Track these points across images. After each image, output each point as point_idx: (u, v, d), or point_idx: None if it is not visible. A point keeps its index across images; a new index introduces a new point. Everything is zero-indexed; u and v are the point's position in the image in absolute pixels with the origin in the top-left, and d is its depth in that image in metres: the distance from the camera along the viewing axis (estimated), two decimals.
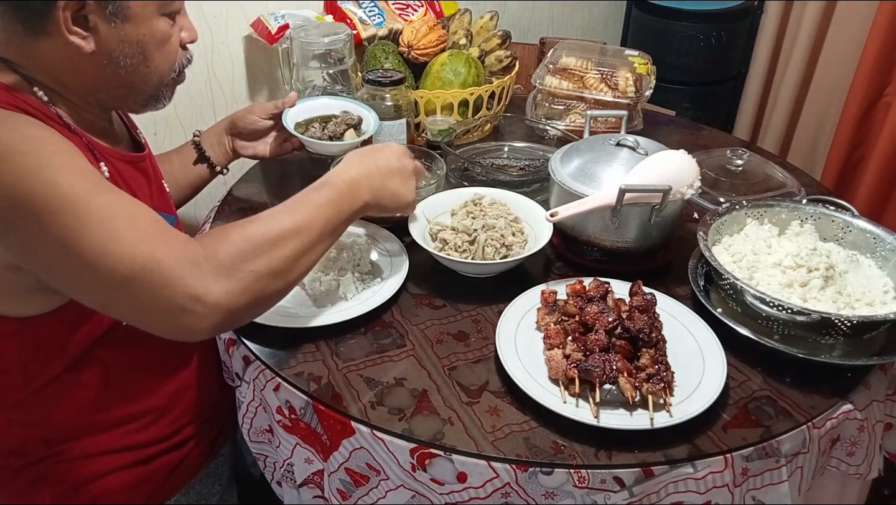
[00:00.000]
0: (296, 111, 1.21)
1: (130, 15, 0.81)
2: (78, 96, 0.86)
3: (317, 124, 1.21)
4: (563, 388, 0.83)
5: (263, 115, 1.20)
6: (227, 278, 0.74)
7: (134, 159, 0.95)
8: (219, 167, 1.23)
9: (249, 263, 0.75)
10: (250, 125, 1.20)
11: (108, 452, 0.94)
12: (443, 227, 1.08)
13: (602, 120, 1.41)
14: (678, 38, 2.23)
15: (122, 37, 0.82)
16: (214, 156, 1.21)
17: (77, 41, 0.79)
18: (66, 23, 0.77)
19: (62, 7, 0.76)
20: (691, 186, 1.02)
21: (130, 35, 0.82)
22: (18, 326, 0.83)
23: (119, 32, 0.81)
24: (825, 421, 0.84)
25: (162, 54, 0.87)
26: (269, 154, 1.23)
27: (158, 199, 1.00)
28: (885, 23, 1.85)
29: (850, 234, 1.04)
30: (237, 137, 1.22)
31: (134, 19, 0.82)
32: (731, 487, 0.79)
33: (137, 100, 0.90)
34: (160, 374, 0.98)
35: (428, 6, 1.62)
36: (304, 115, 1.23)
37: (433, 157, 1.24)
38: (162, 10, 0.85)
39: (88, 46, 0.80)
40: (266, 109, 1.20)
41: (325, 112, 1.24)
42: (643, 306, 0.90)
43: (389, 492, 0.83)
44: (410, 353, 0.93)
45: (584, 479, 0.77)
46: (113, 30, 0.81)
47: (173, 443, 1.00)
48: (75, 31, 0.79)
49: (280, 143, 1.23)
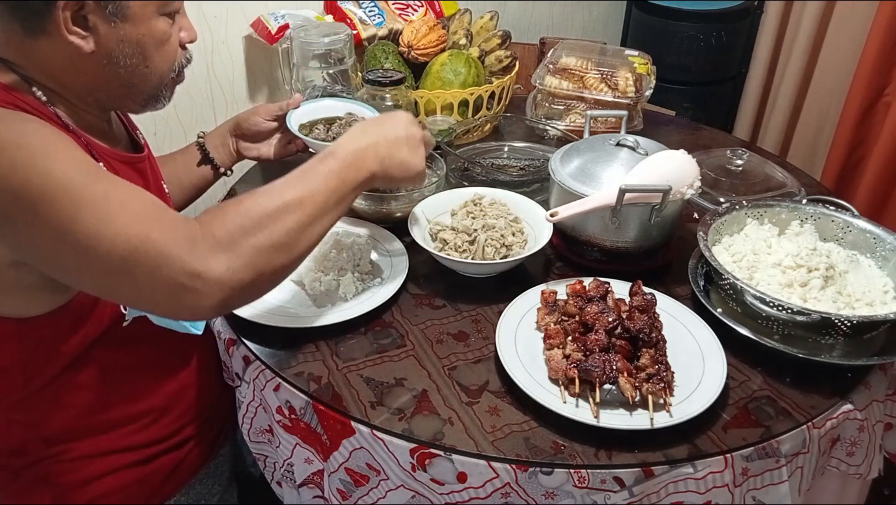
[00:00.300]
0: (300, 113, 1.21)
1: (130, 15, 0.81)
2: (77, 96, 0.85)
3: (321, 126, 1.20)
4: (563, 388, 0.83)
5: (268, 116, 1.20)
6: (227, 253, 0.72)
7: (132, 160, 0.95)
8: (223, 168, 1.22)
9: (249, 236, 0.74)
10: (254, 126, 1.20)
11: (107, 453, 0.94)
12: (443, 228, 1.08)
13: (602, 120, 1.41)
14: (678, 38, 2.23)
15: (122, 37, 0.81)
16: (218, 157, 1.21)
17: (76, 41, 0.79)
18: (65, 23, 0.77)
19: (62, 7, 0.76)
20: (691, 186, 1.02)
21: (130, 35, 0.82)
22: (18, 326, 0.83)
23: (118, 32, 0.81)
24: (825, 421, 0.84)
25: (161, 54, 0.87)
26: (273, 156, 1.23)
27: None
28: (884, 23, 1.85)
29: (850, 234, 1.04)
30: (241, 139, 1.22)
31: (133, 19, 0.81)
32: (731, 487, 0.79)
33: (137, 100, 0.90)
34: (160, 374, 0.98)
35: (428, 6, 1.62)
36: (308, 116, 1.22)
37: (433, 157, 1.24)
38: (161, 9, 0.85)
39: (88, 46, 0.80)
40: (270, 111, 1.20)
41: (330, 114, 1.24)
42: (643, 306, 0.90)
43: (389, 492, 0.83)
44: (410, 353, 0.93)
45: (584, 479, 0.77)
46: (112, 30, 0.80)
47: (173, 443, 1.00)
48: (75, 31, 0.78)
49: (284, 144, 1.23)
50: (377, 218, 1.15)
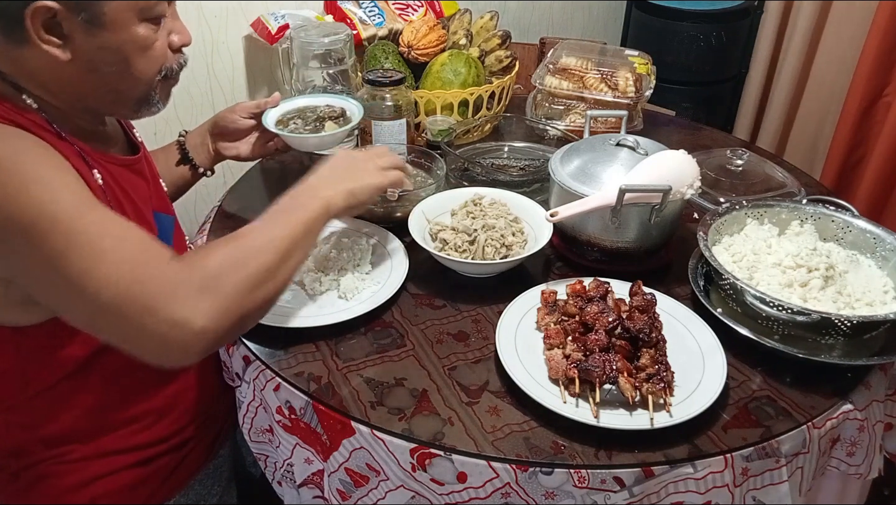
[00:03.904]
0: (277, 111, 1.20)
1: (107, 22, 0.78)
2: (67, 103, 0.84)
3: (298, 120, 1.20)
4: (563, 388, 0.83)
5: (244, 113, 1.18)
6: (211, 296, 0.72)
7: (129, 162, 0.94)
8: (201, 168, 1.20)
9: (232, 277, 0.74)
10: (231, 124, 1.18)
11: (107, 454, 0.94)
12: (443, 227, 1.08)
13: (602, 120, 1.41)
14: (678, 38, 2.23)
15: (101, 44, 0.79)
16: (197, 157, 1.19)
17: (51, 49, 0.77)
18: (37, 32, 0.75)
19: (30, 15, 0.74)
20: (691, 186, 1.02)
21: (109, 42, 0.79)
22: (12, 334, 0.83)
23: (97, 40, 0.78)
24: (825, 421, 0.84)
25: (146, 60, 0.84)
26: (251, 155, 1.21)
27: (157, 201, 1.00)
28: (884, 23, 1.85)
29: (850, 234, 1.04)
30: (219, 138, 1.20)
31: (111, 26, 0.78)
32: (731, 487, 0.79)
33: (127, 105, 0.88)
34: (160, 376, 0.98)
35: (428, 6, 1.62)
36: (284, 113, 1.21)
37: (433, 157, 1.24)
38: (142, 15, 0.81)
39: (64, 55, 0.78)
40: (247, 108, 1.18)
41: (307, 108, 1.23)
42: (643, 306, 0.90)
43: (389, 492, 0.83)
44: (410, 353, 0.93)
45: (584, 479, 0.77)
46: (90, 37, 0.78)
47: (173, 444, 1.00)
48: (49, 40, 0.76)
49: (263, 143, 1.21)
50: (377, 218, 1.15)
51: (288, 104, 1.23)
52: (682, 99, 2.22)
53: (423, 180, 1.23)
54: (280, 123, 1.19)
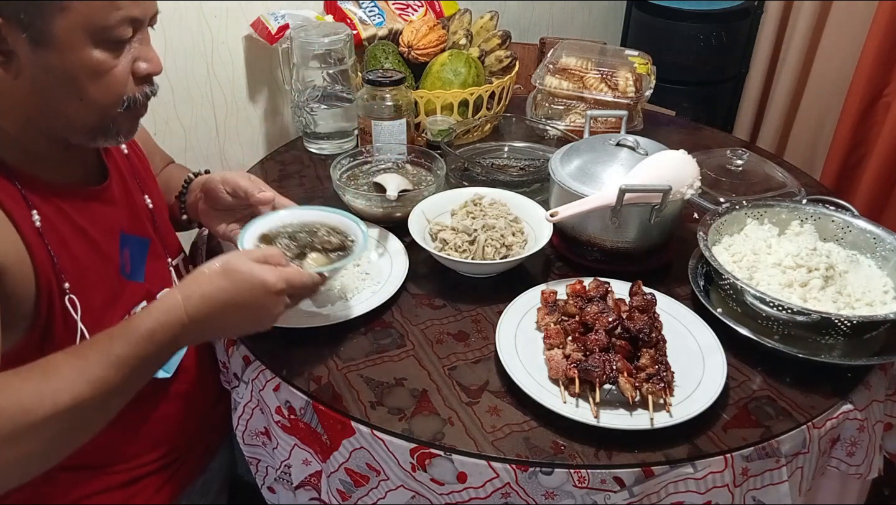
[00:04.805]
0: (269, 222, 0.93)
1: (54, 42, 0.71)
2: (16, 126, 0.78)
3: (286, 240, 0.91)
4: (563, 388, 0.83)
5: (227, 187, 0.99)
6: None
7: (92, 194, 0.87)
8: (185, 217, 1.07)
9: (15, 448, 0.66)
10: (212, 191, 1.00)
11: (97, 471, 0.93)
12: (443, 227, 1.08)
13: (602, 120, 1.41)
14: (678, 38, 2.23)
15: (47, 65, 0.73)
16: (189, 202, 1.06)
17: None
18: None
19: None
20: (691, 186, 1.02)
21: (55, 63, 0.73)
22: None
23: (43, 60, 0.72)
24: (825, 421, 0.84)
25: (99, 88, 0.76)
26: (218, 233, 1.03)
27: (131, 223, 0.93)
28: (884, 22, 1.85)
29: (850, 234, 1.04)
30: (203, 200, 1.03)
31: (59, 47, 0.72)
32: (731, 487, 0.79)
33: (80, 132, 0.80)
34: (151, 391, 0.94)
35: (428, 6, 1.62)
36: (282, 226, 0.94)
37: (433, 157, 1.24)
38: (96, 38, 0.73)
39: (7, 73, 0.73)
40: (233, 184, 0.98)
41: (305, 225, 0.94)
42: (643, 306, 0.90)
43: (389, 492, 0.83)
44: (410, 353, 0.93)
45: (584, 479, 0.77)
46: (35, 56, 0.72)
47: (163, 463, 0.99)
48: None
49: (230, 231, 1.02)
50: (377, 218, 1.15)
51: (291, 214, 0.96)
52: (682, 99, 2.22)
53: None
54: (265, 239, 0.91)
